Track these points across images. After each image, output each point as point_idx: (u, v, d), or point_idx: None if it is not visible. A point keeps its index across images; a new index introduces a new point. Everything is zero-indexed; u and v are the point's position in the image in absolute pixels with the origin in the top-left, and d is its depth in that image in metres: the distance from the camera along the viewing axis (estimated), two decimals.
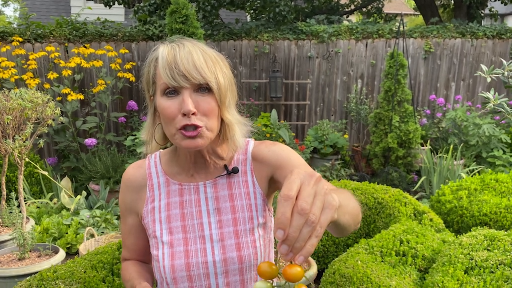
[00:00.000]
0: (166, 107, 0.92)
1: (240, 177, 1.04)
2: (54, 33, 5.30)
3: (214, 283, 0.98)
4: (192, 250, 0.98)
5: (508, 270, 2.01)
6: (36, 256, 2.70)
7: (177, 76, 0.90)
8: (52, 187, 4.40)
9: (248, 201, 1.02)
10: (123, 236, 1.13)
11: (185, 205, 1.02)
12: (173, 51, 0.92)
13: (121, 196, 1.10)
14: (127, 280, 1.08)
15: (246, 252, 0.98)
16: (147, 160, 1.10)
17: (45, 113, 2.57)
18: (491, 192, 3.29)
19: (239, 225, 1.00)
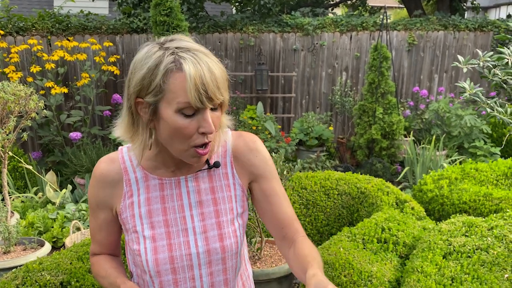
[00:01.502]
0: (184, 126, 0.90)
1: (220, 170, 1.06)
2: (37, 26, 5.23)
3: (198, 274, 1.01)
4: (175, 244, 1.00)
5: (485, 255, 2.08)
6: (22, 249, 2.70)
7: (204, 99, 0.89)
8: (37, 181, 4.38)
9: (228, 193, 1.05)
10: (93, 231, 1.11)
11: (167, 199, 1.02)
12: (199, 72, 0.88)
13: (92, 191, 1.06)
14: (102, 276, 1.08)
15: (228, 242, 1.02)
16: (120, 153, 1.06)
17: (28, 106, 2.56)
18: (471, 181, 3.38)
19: (221, 217, 1.03)
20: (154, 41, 0.96)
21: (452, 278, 1.91)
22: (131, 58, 5.62)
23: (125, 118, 0.98)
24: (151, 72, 0.89)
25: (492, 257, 2.08)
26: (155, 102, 0.91)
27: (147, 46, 0.94)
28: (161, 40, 0.95)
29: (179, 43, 0.93)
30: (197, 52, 0.90)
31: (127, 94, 0.96)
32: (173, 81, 0.88)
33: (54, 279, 1.89)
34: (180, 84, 0.88)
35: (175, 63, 0.88)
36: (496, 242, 2.19)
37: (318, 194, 3.05)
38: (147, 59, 0.91)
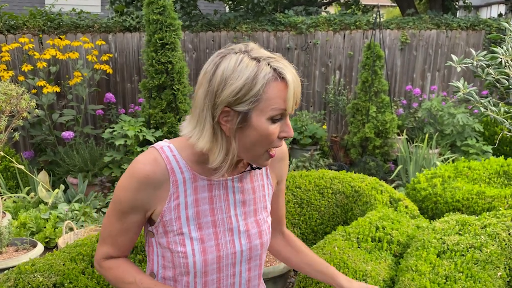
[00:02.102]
0: (272, 132, 0.95)
1: (257, 170, 1.13)
2: (28, 24, 5.18)
3: (238, 270, 1.08)
4: (222, 243, 1.04)
5: (478, 253, 2.09)
6: (14, 250, 2.67)
7: (293, 106, 0.96)
8: (29, 181, 4.34)
9: (263, 192, 1.13)
10: (112, 234, 1.07)
11: (215, 200, 1.04)
12: (296, 80, 0.95)
13: (129, 194, 1.00)
14: (129, 282, 1.06)
15: (265, 238, 1.11)
16: (162, 153, 1.02)
17: (19, 105, 2.54)
18: (464, 179, 3.39)
19: (259, 215, 1.11)
20: (231, 50, 0.96)
21: (446, 276, 1.91)
22: (123, 56, 5.59)
23: (208, 128, 0.96)
24: (250, 82, 0.91)
25: (486, 255, 2.10)
26: (247, 110, 0.93)
27: (233, 56, 0.94)
28: (241, 48, 0.96)
29: (262, 52, 0.96)
30: (283, 61, 0.96)
31: (211, 103, 0.94)
32: (272, 90, 0.92)
33: (47, 280, 1.87)
34: (278, 93, 0.93)
35: (275, 72, 0.93)
36: (489, 240, 2.21)
37: (313, 193, 3.05)
38: (243, 70, 0.91)
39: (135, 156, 4.24)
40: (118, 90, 5.64)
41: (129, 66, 5.65)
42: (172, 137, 4.41)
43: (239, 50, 0.95)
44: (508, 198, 2.88)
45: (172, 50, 4.30)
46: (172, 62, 4.29)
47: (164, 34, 4.22)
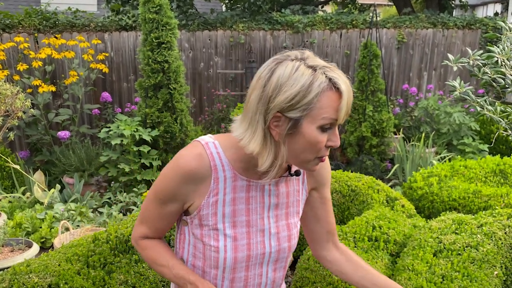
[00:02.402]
0: (320, 140, 0.96)
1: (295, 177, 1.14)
2: (23, 23, 5.15)
3: (265, 271, 1.11)
4: (253, 243, 1.08)
5: (474, 252, 2.10)
6: (9, 251, 2.66)
7: (344, 117, 0.97)
8: (25, 181, 4.32)
9: (297, 198, 1.14)
10: (151, 218, 1.11)
11: (251, 201, 1.07)
12: (349, 91, 0.96)
13: (172, 185, 1.04)
14: (161, 264, 1.10)
15: (293, 242, 1.14)
16: (207, 149, 1.04)
17: (14, 105, 2.52)
18: (460, 178, 3.40)
19: (290, 219, 1.13)
20: (287, 57, 0.97)
21: (443, 276, 1.91)
22: (120, 55, 5.57)
23: (259, 132, 0.98)
24: (304, 90, 0.92)
25: (482, 254, 2.10)
26: (299, 117, 0.94)
27: (289, 64, 0.95)
28: (297, 55, 0.98)
29: (317, 61, 0.98)
30: (338, 71, 0.97)
31: (264, 108, 0.96)
32: (325, 99, 0.93)
33: (42, 281, 1.86)
34: (331, 102, 0.94)
35: (330, 82, 0.94)
36: (486, 239, 2.21)
37: None
38: (298, 77, 0.93)
39: (131, 155, 4.23)
40: (114, 90, 5.62)
41: (125, 65, 5.63)
42: (168, 137, 4.39)
43: (295, 57, 0.96)
44: (504, 197, 2.88)
45: (169, 49, 4.28)
46: (168, 61, 4.28)
47: (160, 33, 4.20)
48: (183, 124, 4.42)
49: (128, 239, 2.31)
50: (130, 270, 2.11)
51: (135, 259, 2.20)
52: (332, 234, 1.24)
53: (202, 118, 5.84)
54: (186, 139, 4.48)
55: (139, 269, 2.14)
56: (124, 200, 4.03)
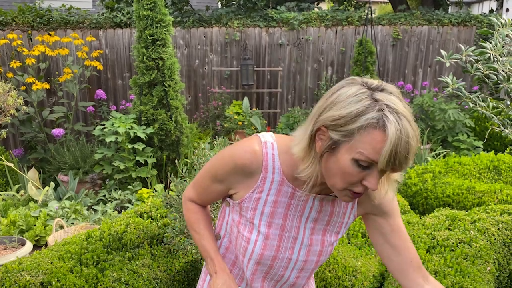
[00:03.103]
0: (352, 174, 0.92)
1: None
2: (17, 20, 5.11)
3: (288, 274, 1.14)
4: (283, 247, 1.11)
5: (467, 248, 2.10)
6: (2, 249, 2.65)
7: (390, 165, 0.89)
8: (19, 179, 4.29)
9: (342, 220, 1.13)
10: (201, 187, 1.18)
11: (291, 207, 1.09)
12: (398, 140, 0.86)
13: (224, 169, 1.09)
14: (195, 230, 1.21)
15: (323, 258, 1.15)
16: (264, 148, 1.07)
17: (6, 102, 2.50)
18: (454, 175, 3.41)
19: (326, 236, 1.13)
20: (361, 82, 0.94)
21: (436, 271, 1.92)
22: (114, 52, 5.54)
23: (305, 139, 0.99)
24: (351, 117, 0.89)
25: (475, 250, 2.11)
26: (338, 140, 0.92)
27: (356, 86, 0.92)
28: (372, 84, 0.93)
29: (389, 98, 0.90)
30: (403, 117, 0.88)
31: (316, 117, 0.96)
32: (368, 136, 0.88)
33: (34, 279, 1.85)
34: (372, 141, 0.88)
35: (379, 121, 0.88)
36: (479, 235, 2.22)
37: None
38: (354, 102, 0.90)
39: (126, 153, 4.22)
40: (109, 87, 5.59)
41: (120, 63, 5.61)
42: (163, 134, 4.37)
43: (366, 84, 0.93)
44: (498, 193, 2.89)
45: (163, 46, 4.26)
46: (163, 58, 4.26)
47: (155, 30, 4.18)
48: (178, 121, 4.41)
49: (122, 236, 2.31)
50: (124, 268, 2.10)
51: (128, 256, 2.19)
52: (418, 266, 1.14)
53: (198, 115, 5.82)
54: (181, 136, 4.47)
55: (132, 266, 2.14)
56: (119, 198, 4.02)
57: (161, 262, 2.26)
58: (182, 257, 2.36)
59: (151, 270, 2.18)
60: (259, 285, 1.16)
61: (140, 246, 2.29)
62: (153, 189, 4.17)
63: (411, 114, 0.91)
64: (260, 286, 1.16)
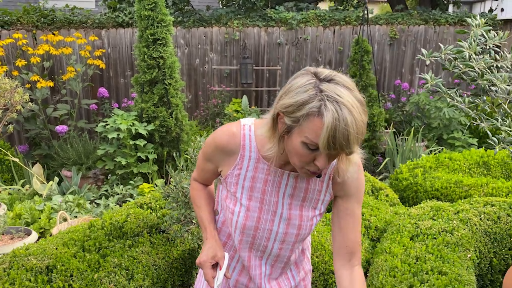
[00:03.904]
0: (304, 155, 1.04)
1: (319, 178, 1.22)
2: (22, 20, 5.25)
3: (271, 246, 1.26)
4: (263, 219, 1.23)
5: (449, 236, 2.22)
6: (9, 238, 2.78)
7: (331, 148, 0.98)
8: (24, 174, 4.43)
9: (317, 197, 1.24)
10: (200, 167, 1.36)
11: (268, 183, 1.22)
12: (335, 127, 0.95)
13: (209, 150, 1.26)
14: (197, 204, 1.38)
15: (303, 232, 1.25)
16: (242, 130, 1.21)
17: (13, 99, 2.63)
18: (444, 170, 3.52)
19: (304, 211, 1.24)
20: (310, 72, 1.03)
21: (417, 257, 2.03)
22: (116, 52, 5.67)
23: (269, 120, 1.10)
24: (297, 106, 1.00)
25: (456, 238, 2.22)
26: (290, 125, 1.03)
27: (306, 77, 1.02)
28: (321, 74, 1.02)
29: (334, 88, 0.98)
30: (343, 107, 0.96)
31: (276, 103, 1.08)
32: (311, 123, 0.99)
33: (40, 263, 1.98)
34: (315, 128, 0.98)
35: (319, 110, 0.97)
36: (461, 224, 2.33)
37: None
38: (300, 93, 1.00)
39: (128, 149, 4.34)
40: (111, 85, 5.72)
41: (122, 62, 5.74)
42: (163, 131, 4.49)
43: (316, 75, 1.02)
44: (484, 187, 3.00)
45: (164, 46, 4.39)
46: (163, 57, 4.38)
47: (156, 30, 4.31)
48: (178, 119, 4.53)
49: (123, 225, 2.43)
50: (124, 254, 2.23)
51: (128, 244, 2.31)
52: (350, 253, 1.23)
53: (198, 113, 5.94)
54: (181, 133, 4.59)
55: (132, 253, 2.26)
56: (120, 192, 4.15)
57: (159, 249, 2.39)
58: (180, 246, 2.49)
59: (150, 257, 2.31)
60: (246, 255, 1.28)
61: (139, 235, 2.42)
62: (154, 184, 4.29)
63: (359, 104, 0.99)
64: (248, 255, 1.28)
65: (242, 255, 1.29)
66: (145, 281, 2.21)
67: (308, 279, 1.48)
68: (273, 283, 1.34)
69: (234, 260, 1.35)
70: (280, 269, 1.33)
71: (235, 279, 1.36)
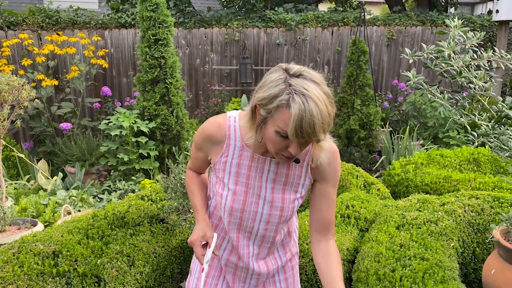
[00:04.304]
0: (277, 142, 1.17)
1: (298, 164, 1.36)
2: (27, 20, 5.39)
3: (257, 226, 1.38)
4: (248, 201, 1.35)
5: (433, 226, 2.34)
6: (16, 228, 2.91)
7: (299, 137, 1.11)
8: (29, 170, 4.57)
9: (298, 181, 1.37)
10: (193, 156, 1.49)
11: (252, 169, 1.34)
12: (301, 117, 1.08)
13: (198, 139, 1.40)
14: (191, 191, 1.51)
15: (285, 213, 1.37)
16: (227, 121, 1.35)
17: (21, 95, 2.76)
18: (435, 166, 3.64)
19: (286, 194, 1.36)
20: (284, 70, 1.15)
21: (401, 245, 2.15)
22: (119, 51, 5.81)
23: (249, 112, 1.23)
24: (269, 99, 1.14)
25: (440, 228, 2.34)
26: (265, 116, 1.17)
27: (278, 73, 1.15)
28: (291, 70, 1.15)
29: (302, 83, 1.11)
30: (310, 99, 1.09)
31: (253, 96, 1.21)
32: (281, 114, 1.12)
33: (47, 248, 2.10)
34: (284, 119, 1.11)
35: (288, 102, 1.10)
36: (446, 216, 2.45)
37: None
38: (272, 87, 1.13)
39: (130, 146, 4.48)
40: (114, 84, 5.86)
41: (125, 61, 5.88)
42: (164, 128, 4.62)
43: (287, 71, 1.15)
44: (472, 181, 3.12)
45: (165, 46, 4.52)
46: (165, 57, 4.52)
47: (157, 31, 4.44)
48: (179, 117, 4.66)
49: (124, 215, 2.56)
50: (126, 242, 2.35)
51: (130, 232, 2.44)
52: (325, 229, 1.38)
53: (198, 112, 6.07)
54: (182, 131, 4.72)
55: (134, 241, 2.39)
56: (123, 188, 4.28)
57: (159, 238, 2.52)
58: (179, 235, 2.62)
59: (150, 245, 2.44)
60: (234, 235, 1.41)
61: (140, 224, 2.55)
62: (155, 180, 4.43)
63: (325, 96, 1.11)
64: (236, 236, 1.41)
65: (231, 236, 1.42)
66: (145, 267, 2.33)
67: (295, 261, 1.60)
68: (261, 262, 1.47)
69: (225, 241, 1.47)
70: (266, 249, 1.46)
71: (225, 258, 1.48)
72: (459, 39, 1.90)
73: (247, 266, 1.45)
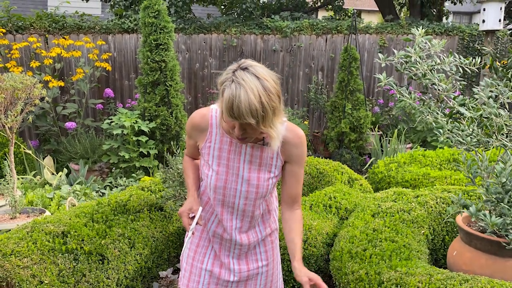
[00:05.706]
0: (227, 122, 1.39)
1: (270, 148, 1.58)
2: (35, 25, 5.67)
3: (237, 202, 1.60)
4: (229, 180, 1.57)
5: (406, 215, 2.58)
6: (26, 216, 3.15)
7: (229, 116, 1.33)
8: (35, 166, 4.81)
9: (270, 162, 1.61)
10: (186, 144, 1.71)
11: (231, 152, 1.56)
12: (231, 101, 1.29)
13: (189, 129, 1.62)
14: (187, 174, 1.72)
15: (261, 190, 1.59)
16: (210, 112, 1.56)
17: (32, 93, 3.02)
18: (417, 165, 3.89)
19: (261, 174, 1.58)
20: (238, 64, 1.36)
21: (374, 229, 2.40)
22: (122, 55, 6.08)
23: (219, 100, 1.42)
24: (220, 84, 1.37)
25: (412, 217, 2.58)
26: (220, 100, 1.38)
27: (233, 66, 1.37)
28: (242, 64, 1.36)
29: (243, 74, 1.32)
30: (242, 88, 1.29)
31: None
32: (222, 97, 1.34)
33: (57, 229, 2.35)
34: (223, 100, 1.33)
35: (225, 87, 1.32)
36: (418, 206, 2.69)
37: None
38: (224, 75, 1.36)
39: (131, 145, 4.73)
40: (116, 87, 6.13)
41: (127, 65, 6.15)
42: (164, 128, 4.88)
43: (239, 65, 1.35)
44: (448, 178, 3.37)
45: (166, 50, 4.78)
46: (165, 61, 4.78)
47: (158, 36, 4.71)
48: (178, 118, 4.92)
49: (126, 203, 2.81)
50: (127, 226, 2.60)
51: (131, 218, 2.69)
52: (293, 201, 1.64)
53: None
54: (181, 131, 4.97)
55: (134, 226, 2.63)
56: (123, 184, 4.52)
57: (157, 224, 2.76)
58: (176, 222, 2.86)
59: (149, 230, 2.68)
60: (219, 210, 1.65)
61: (141, 211, 2.79)
62: (154, 177, 4.67)
63: (262, 89, 1.31)
64: (221, 211, 1.65)
65: (217, 210, 1.66)
66: (144, 250, 2.57)
67: (274, 236, 1.84)
68: (243, 235, 1.71)
69: (213, 216, 1.72)
70: (248, 223, 1.70)
71: (213, 230, 1.72)
72: (424, 46, 2.16)
73: (231, 237, 1.69)
